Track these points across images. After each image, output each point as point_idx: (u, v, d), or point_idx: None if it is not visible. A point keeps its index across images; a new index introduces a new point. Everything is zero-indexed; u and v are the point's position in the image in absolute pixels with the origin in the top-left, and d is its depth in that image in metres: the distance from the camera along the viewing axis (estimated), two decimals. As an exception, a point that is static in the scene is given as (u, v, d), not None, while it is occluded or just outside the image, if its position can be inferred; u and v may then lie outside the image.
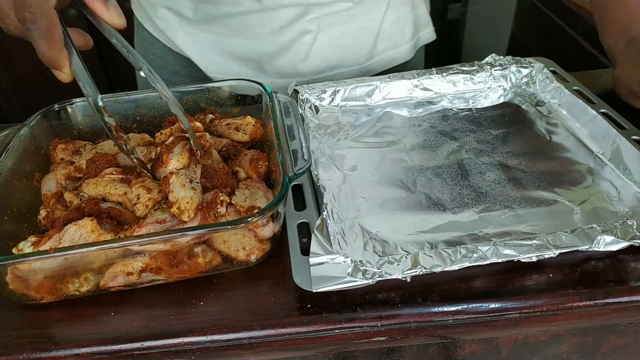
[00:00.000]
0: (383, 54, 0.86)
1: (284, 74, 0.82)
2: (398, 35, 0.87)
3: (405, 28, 0.87)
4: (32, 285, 0.45)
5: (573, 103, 0.68)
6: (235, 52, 0.81)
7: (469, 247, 0.47)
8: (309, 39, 0.79)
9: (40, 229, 0.53)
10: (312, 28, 0.78)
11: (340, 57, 0.83)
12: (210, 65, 0.82)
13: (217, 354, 0.45)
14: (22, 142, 0.57)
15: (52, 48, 0.47)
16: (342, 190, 0.58)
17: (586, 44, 1.20)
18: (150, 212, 0.48)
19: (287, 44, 0.79)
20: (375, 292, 0.46)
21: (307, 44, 0.79)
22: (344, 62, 0.84)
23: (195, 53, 0.82)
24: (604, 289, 0.46)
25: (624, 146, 0.59)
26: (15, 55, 1.70)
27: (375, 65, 0.87)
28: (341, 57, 0.83)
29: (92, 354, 0.44)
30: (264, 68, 0.82)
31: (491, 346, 0.52)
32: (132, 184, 0.50)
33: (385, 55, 0.87)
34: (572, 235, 0.48)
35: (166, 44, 0.85)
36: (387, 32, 0.85)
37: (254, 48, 0.80)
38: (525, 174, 0.60)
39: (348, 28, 0.81)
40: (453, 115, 0.71)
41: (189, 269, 0.47)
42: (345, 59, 0.83)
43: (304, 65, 0.81)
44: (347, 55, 0.83)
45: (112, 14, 0.49)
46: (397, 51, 0.88)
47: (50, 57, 0.47)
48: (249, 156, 0.57)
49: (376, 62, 0.87)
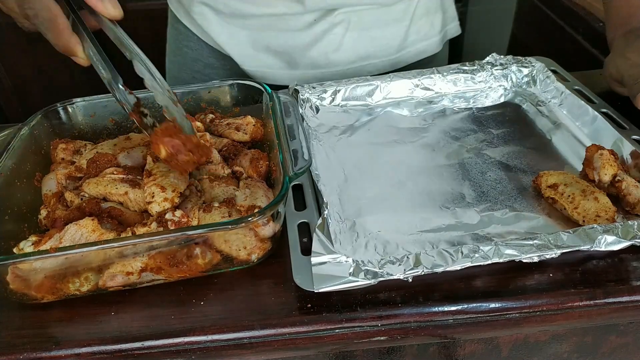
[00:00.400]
0: (413, 45, 0.87)
1: (316, 65, 0.83)
2: (428, 27, 0.88)
3: (434, 20, 0.88)
4: (32, 284, 0.45)
5: (573, 103, 0.68)
6: (268, 45, 0.82)
7: (470, 246, 0.47)
8: (341, 30, 0.80)
9: (40, 229, 0.53)
10: (344, 18, 0.79)
11: (372, 47, 0.84)
12: (245, 58, 0.84)
13: (217, 354, 0.45)
14: (22, 142, 0.57)
15: (60, 37, 0.48)
16: (342, 190, 0.58)
17: (586, 43, 1.20)
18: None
19: (319, 35, 0.80)
20: (376, 292, 0.46)
21: (339, 35, 0.80)
22: (375, 53, 0.85)
23: (231, 46, 0.84)
24: (604, 289, 0.46)
25: (624, 146, 0.59)
26: (15, 55, 1.70)
27: (405, 56, 0.88)
28: (372, 48, 0.84)
29: (93, 353, 0.44)
30: (297, 60, 0.83)
31: (491, 346, 0.52)
32: (145, 183, 0.50)
33: (415, 47, 0.88)
34: (573, 235, 0.47)
35: (202, 37, 0.87)
36: (417, 24, 0.86)
37: (286, 41, 0.81)
38: (525, 173, 0.60)
39: (380, 19, 0.81)
40: (454, 114, 0.71)
41: (189, 269, 0.47)
42: (376, 49, 0.84)
43: (336, 56, 0.82)
44: (379, 46, 0.84)
45: (106, 6, 0.49)
46: (427, 43, 0.89)
47: (62, 45, 0.48)
48: (249, 156, 0.57)
49: (406, 54, 0.87)
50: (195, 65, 0.89)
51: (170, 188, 0.49)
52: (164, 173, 0.51)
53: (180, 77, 0.92)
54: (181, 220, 0.47)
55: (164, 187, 0.49)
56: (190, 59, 0.89)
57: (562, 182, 0.54)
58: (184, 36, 0.89)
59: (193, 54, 0.89)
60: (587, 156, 0.57)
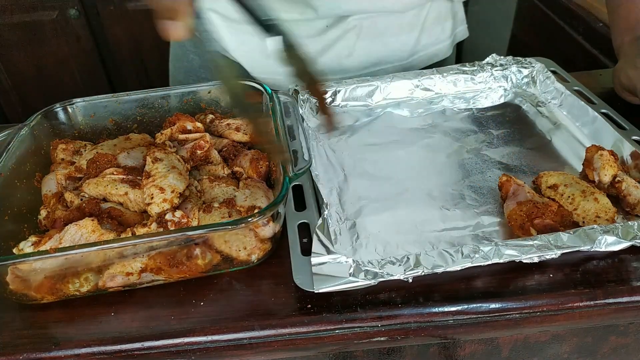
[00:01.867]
0: (425, 50, 0.87)
1: (328, 71, 0.83)
2: (439, 32, 0.87)
3: (445, 25, 0.88)
4: (32, 285, 0.45)
5: (573, 103, 0.68)
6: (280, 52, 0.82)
7: (470, 247, 0.47)
8: (353, 36, 0.79)
9: (40, 229, 0.53)
10: (356, 25, 0.79)
11: (384, 53, 0.83)
12: (255, 65, 0.83)
13: (217, 354, 0.45)
14: (22, 142, 0.57)
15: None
16: (343, 190, 0.58)
17: (586, 44, 1.20)
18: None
19: (332, 41, 0.79)
20: (376, 292, 0.46)
21: (352, 41, 0.80)
22: (387, 59, 0.84)
23: (241, 53, 0.83)
24: (605, 289, 0.46)
25: (624, 146, 0.59)
26: (15, 55, 1.70)
27: (416, 61, 0.87)
28: (385, 53, 0.83)
29: (93, 354, 0.44)
30: None
31: (491, 346, 0.52)
32: (144, 184, 0.50)
33: (427, 51, 0.87)
34: (573, 235, 0.47)
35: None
36: (429, 28, 0.85)
37: None
38: (526, 174, 0.60)
39: (392, 25, 0.81)
40: (454, 115, 0.71)
41: (189, 270, 0.47)
42: (388, 55, 0.84)
43: (348, 62, 0.82)
44: (391, 51, 0.84)
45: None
46: (438, 47, 0.88)
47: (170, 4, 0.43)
48: (249, 156, 0.57)
49: (418, 59, 0.87)
50: (203, 72, 0.88)
51: (170, 189, 0.49)
52: (163, 174, 0.51)
53: (186, 82, 0.91)
54: (181, 221, 0.47)
55: (163, 188, 0.49)
56: (197, 66, 0.88)
57: (562, 183, 0.54)
58: (191, 42, 0.88)
59: (200, 61, 0.88)
60: (587, 157, 0.57)
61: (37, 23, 1.64)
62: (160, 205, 0.48)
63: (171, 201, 0.49)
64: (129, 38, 1.71)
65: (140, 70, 1.77)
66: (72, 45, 1.69)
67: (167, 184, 0.50)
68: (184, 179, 0.51)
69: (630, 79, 0.66)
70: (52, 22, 1.64)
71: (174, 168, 0.52)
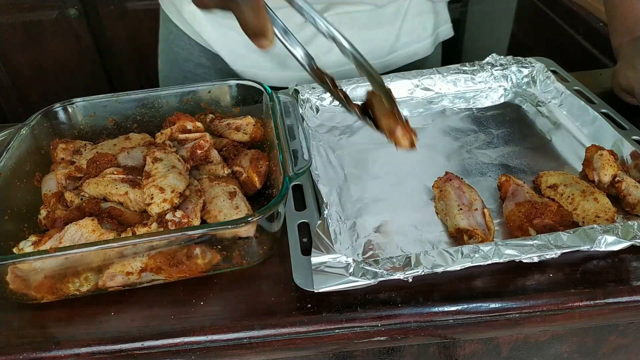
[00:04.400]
0: (405, 48, 0.87)
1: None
2: (420, 29, 0.87)
3: (426, 22, 0.88)
4: (32, 284, 0.45)
5: (573, 103, 0.68)
6: None
7: (470, 247, 0.47)
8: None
9: (40, 229, 0.53)
10: (335, 20, 0.78)
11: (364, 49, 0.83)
12: (235, 58, 0.84)
13: (217, 354, 0.45)
14: (22, 142, 0.57)
15: (258, 16, 0.45)
16: (343, 190, 0.58)
17: (586, 44, 1.20)
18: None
19: (309, 37, 0.79)
20: (376, 292, 0.46)
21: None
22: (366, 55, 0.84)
23: (221, 46, 0.83)
24: (605, 289, 0.46)
25: (624, 146, 0.59)
26: (15, 55, 1.70)
27: (396, 59, 0.87)
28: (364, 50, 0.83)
29: (92, 353, 0.44)
30: (287, 61, 0.82)
31: (491, 346, 0.52)
32: (144, 184, 0.50)
33: (406, 49, 0.87)
34: (573, 235, 0.47)
35: (192, 37, 0.86)
36: (409, 25, 0.85)
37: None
38: (525, 173, 0.60)
39: (372, 20, 0.81)
40: (453, 115, 0.71)
41: (189, 269, 0.47)
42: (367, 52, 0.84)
43: (327, 58, 0.82)
44: (370, 48, 0.83)
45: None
46: (419, 46, 0.88)
47: (255, 25, 0.46)
48: (249, 156, 0.57)
49: (397, 56, 0.87)
50: (186, 65, 0.89)
51: (169, 189, 0.49)
52: (163, 174, 0.51)
53: (171, 76, 0.92)
54: (181, 221, 0.47)
55: (162, 188, 0.49)
56: (181, 59, 0.89)
57: (562, 183, 0.54)
58: (174, 36, 0.88)
59: (184, 54, 0.88)
60: (587, 157, 0.57)
61: (37, 23, 1.64)
62: (161, 205, 0.48)
63: (171, 201, 0.49)
64: (129, 38, 1.71)
65: (140, 70, 1.77)
66: (72, 45, 1.69)
67: (167, 183, 0.50)
68: (184, 178, 0.51)
69: (629, 80, 0.66)
70: (52, 22, 1.64)
71: (174, 168, 0.52)
